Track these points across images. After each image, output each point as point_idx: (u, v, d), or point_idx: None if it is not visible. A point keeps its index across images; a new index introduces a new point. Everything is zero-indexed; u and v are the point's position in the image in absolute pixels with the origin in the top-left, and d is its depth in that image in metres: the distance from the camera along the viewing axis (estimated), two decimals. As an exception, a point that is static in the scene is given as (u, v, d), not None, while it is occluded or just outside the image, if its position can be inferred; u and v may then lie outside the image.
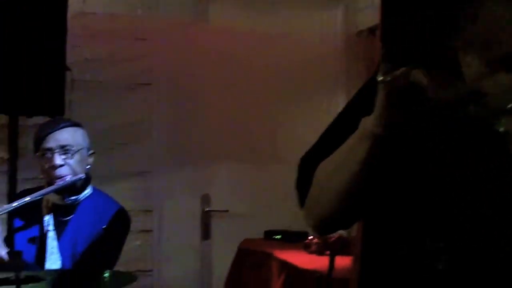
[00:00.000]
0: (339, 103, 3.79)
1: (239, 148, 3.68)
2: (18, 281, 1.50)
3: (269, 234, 3.10)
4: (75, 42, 3.16)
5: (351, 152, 1.01)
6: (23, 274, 1.59)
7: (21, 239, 2.49)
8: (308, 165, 1.15)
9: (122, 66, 3.45)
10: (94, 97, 3.37)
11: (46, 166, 2.52)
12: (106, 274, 1.73)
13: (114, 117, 3.39)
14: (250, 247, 2.96)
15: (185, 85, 3.62)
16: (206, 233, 3.64)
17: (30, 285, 1.70)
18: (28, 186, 2.86)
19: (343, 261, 2.16)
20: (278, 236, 3.07)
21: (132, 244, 3.18)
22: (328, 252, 2.48)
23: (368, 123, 0.98)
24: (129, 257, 2.69)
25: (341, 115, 1.21)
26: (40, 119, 3.22)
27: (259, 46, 3.65)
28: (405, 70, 0.90)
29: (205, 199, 3.64)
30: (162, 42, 3.53)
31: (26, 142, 3.24)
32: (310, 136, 1.20)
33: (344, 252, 2.36)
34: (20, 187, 2.94)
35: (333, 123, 1.23)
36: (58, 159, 2.50)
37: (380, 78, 0.93)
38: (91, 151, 2.63)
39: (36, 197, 2.46)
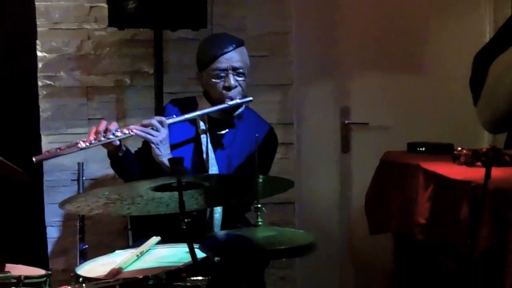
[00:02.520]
0: (487, 15, 3.55)
1: (380, 59, 3.57)
2: (180, 187, 1.55)
3: (412, 147, 3.01)
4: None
5: None
6: (184, 180, 1.65)
7: (179, 149, 2.62)
8: (482, 61, 1.08)
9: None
10: (234, 10, 3.37)
11: (219, 85, 2.62)
12: (261, 180, 1.76)
13: (254, 29, 3.38)
14: (394, 159, 2.89)
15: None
16: (345, 146, 3.61)
17: (190, 191, 1.77)
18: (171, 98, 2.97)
19: (496, 172, 2.05)
20: (422, 148, 2.97)
21: (273, 156, 3.24)
22: (479, 163, 2.37)
23: None
24: (270, 170, 2.74)
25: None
26: (183, 33, 3.29)
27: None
28: None
29: (345, 112, 3.60)
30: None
31: (170, 56, 3.33)
32: (455, 48, 1.11)
33: (497, 163, 2.25)
34: (165, 101, 3.06)
35: (507, 21, 1.14)
36: (233, 80, 2.61)
37: None
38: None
39: (209, 112, 2.60)
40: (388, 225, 2.82)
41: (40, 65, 3.31)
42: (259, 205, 1.80)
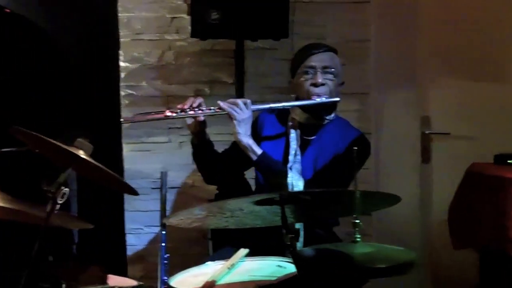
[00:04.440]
0: None
1: (462, 66, 3.47)
2: (282, 202, 1.54)
3: (500, 158, 2.90)
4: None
5: None
6: (285, 194, 1.64)
7: (266, 148, 2.62)
8: None
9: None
10: (314, 18, 3.36)
11: (307, 82, 2.62)
12: (358, 194, 1.73)
13: (333, 37, 3.35)
14: (481, 171, 2.80)
15: (404, 2, 3.46)
16: (426, 156, 3.53)
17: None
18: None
19: None
20: None
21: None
22: None
23: None
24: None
25: None
26: (262, 42, 3.30)
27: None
28: None
29: (425, 121, 3.51)
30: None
31: (248, 65, 3.34)
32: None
33: None
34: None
35: None
36: (320, 78, 2.61)
37: None
38: (341, 81, 2.70)
39: (295, 105, 2.60)
40: (474, 239, 2.73)
41: (122, 75, 3.38)
42: (358, 221, 1.76)
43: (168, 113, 2.53)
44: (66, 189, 1.86)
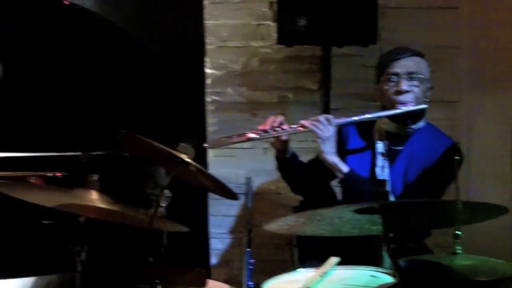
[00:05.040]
0: None
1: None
2: (383, 211, 1.51)
3: None
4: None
5: None
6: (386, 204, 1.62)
7: (352, 162, 2.57)
8: None
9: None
10: (402, 24, 3.30)
11: (391, 90, 2.54)
12: (460, 204, 1.68)
13: (421, 43, 3.28)
14: None
15: (494, 9, 3.36)
16: (517, 166, 3.41)
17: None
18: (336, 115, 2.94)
19: None
20: None
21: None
22: None
23: None
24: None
25: None
26: (348, 49, 3.27)
27: None
28: None
29: (517, 130, 3.40)
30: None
31: (334, 72, 3.32)
32: None
33: None
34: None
35: None
36: (405, 85, 2.52)
37: None
38: (430, 85, 2.61)
39: (379, 116, 2.53)
40: None
41: (208, 81, 3.42)
42: (459, 232, 1.71)
43: (251, 135, 2.53)
44: (169, 192, 1.90)
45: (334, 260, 2.21)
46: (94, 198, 2.23)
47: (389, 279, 1.78)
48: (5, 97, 3.04)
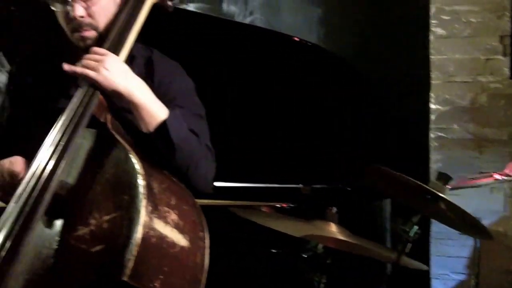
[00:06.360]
0: None
1: None
2: None
3: None
4: None
5: None
6: None
7: None
8: None
9: None
10: None
11: None
12: None
13: None
14: None
15: None
16: None
17: None
18: None
19: None
20: None
21: None
22: None
23: None
24: None
25: None
26: None
27: None
28: None
29: None
30: None
31: None
32: None
33: None
34: None
35: None
36: None
37: None
38: None
39: None
40: None
41: (433, 117, 3.36)
42: None
43: (497, 176, 2.44)
44: (418, 229, 1.88)
45: None
46: (333, 230, 2.27)
47: None
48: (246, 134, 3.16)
